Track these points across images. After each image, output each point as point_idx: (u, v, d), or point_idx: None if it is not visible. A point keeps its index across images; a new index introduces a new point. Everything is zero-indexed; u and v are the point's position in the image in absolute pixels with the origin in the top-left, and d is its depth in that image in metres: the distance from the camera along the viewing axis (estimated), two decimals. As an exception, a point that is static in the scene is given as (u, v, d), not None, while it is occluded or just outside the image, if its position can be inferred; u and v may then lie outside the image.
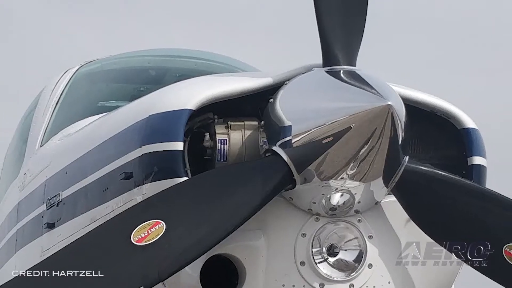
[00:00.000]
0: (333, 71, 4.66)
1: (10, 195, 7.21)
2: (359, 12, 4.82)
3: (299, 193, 4.68)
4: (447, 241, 4.82)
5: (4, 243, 7.15)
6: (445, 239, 4.82)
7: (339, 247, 4.75)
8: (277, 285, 4.74)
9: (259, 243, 4.74)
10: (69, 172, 5.62)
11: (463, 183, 4.90)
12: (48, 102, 7.17)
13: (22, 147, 7.35)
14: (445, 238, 4.81)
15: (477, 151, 5.06)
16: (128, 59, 7.73)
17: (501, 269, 4.77)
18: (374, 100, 4.45)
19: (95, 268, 4.40)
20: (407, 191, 4.76)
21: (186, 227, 4.49)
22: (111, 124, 5.27)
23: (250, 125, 4.82)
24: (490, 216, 4.79)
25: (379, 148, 4.51)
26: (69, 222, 5.47)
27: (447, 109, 5.07)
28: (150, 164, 4.76)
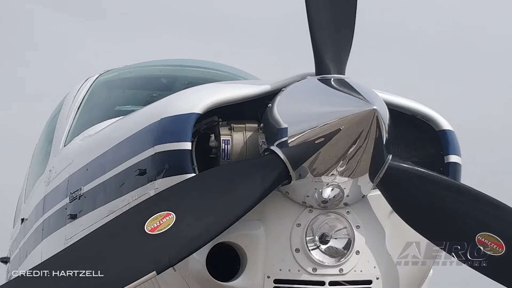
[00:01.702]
0: (325, 79, 4.64)
1: (37, 190, 7.20)
2: (348, 27, 4.81)
3: (294, 188, 4.66)
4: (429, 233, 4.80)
5: (32, 232, 7.15)
6: (424, 229, 4.80)
7: (330, 236, 4.73)
8: (275, 269, 4.72)
9: (259, 232, 4.72)
10: (90, 169, 5.61)
11: (441, 178, 4.88)
12: (71, 106, 7.16)
13: (47, 147, 7.34)
14: (424, 228, 4.79)
15: (453, 150, 5.05)
16: (142, 68, 7.72)
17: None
18: (361, 105, 4.43)
19: (113, 255, 4.39)
20: (391, 186, 4.74)
21: (193, 218, 4.47)
22: (127, 126, 5.26)
23: (250, 127, 4.79)
24: (464, 208, 4.77)
25: (366, 148, 4.49)
26: (90, 213, 5.46)
27: (426, 113, 5.06)
28: (162, 162, 4.75)
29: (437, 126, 5.06)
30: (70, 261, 4.43)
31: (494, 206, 4.78)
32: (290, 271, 4.72)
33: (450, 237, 4.80)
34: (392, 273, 4.89)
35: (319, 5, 4.74)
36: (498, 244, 4.72)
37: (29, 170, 8.37)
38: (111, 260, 4.38)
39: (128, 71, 7.70)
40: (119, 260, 4.37)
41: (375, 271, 4.81)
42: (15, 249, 8.57)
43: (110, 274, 4.35)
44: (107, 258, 4.39)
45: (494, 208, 4.78)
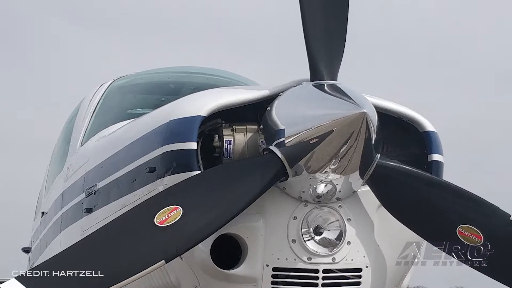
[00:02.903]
0: (319, 84, 4.63)
1: (56, 186, 7.20)
2: (339, 37, 4.81)
3: (291, 184, 4.65)
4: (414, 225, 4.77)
5: (51, 224, 7.15)
6: (410, 221, 4.78)
7: (323, 228, 4.72)
8: (273, 258, 4.71)
9: (259, 225, 4.71)
10: (104, 167, 5.60)
11: (425, 175, 4.87)
12: (87, 110, 7.15)
13: (65, 146, 7.33)
14: (410, 220, 4.78)
15: (436, 150, 5.04)
16: (152, 75, 7.70)
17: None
18: (352, 108, 4.42)
19: (125, 246, 4.39)
20: (379, 182, 4.73)
21: (199, 211, 4.47)
22: (138, 127, 5.25)
23: (251, 128, 4.78)
24: (446, 202, 4.76)
25: (356, 147, 4.48)
26: (104, 207, 5.45)
27: (411, 115, 5.05)
28: (170, 160, 4.74)
29: (421, 128, 5.05)
30: (88, 250, 4.43)
31: (473, 200, 4.77)
32: (287, 260, 4.71)
33: (434, 229, 4.80)
34: (380, 262, 4.87)
35: (314, 17, 4.74)
36: (477, 235, 4.71)
37: (48, 168, 8.37)
38: (124, 250, 4.37)
39: (139, 77, 7.69)
40: (131, 250, 4.36)
41: (364, 260, 4.80)
42: (36, 240, 8.58)
43: (123, 263, 4.34)
44: (120, 248, 4.38)
45: (473, 202, 4.77)
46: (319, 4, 4.76)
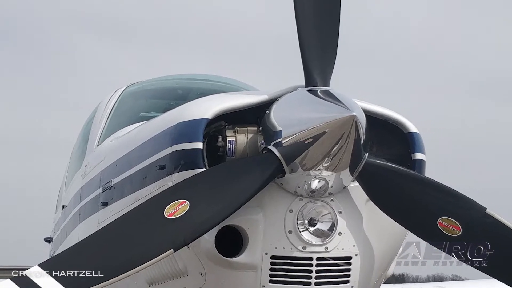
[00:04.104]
0: (312, 90, 4.62)
1: (75, 182, 7.19)
2: (331, 47, 4.80)
3: (288, 180, 4.64)
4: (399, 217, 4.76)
5: (71, 217, 7.14)
6: (395, 214, 4.77)
7: (317, 220, 4.71)
8: (271, 247, 4.70)
9: (258, 217, 4.70)
10: (118, 164, 5.59)
11: (409, 172, 4.87)
12: (103, 113, 7.14)
13: (83, 146, 7.32)
14: (395, 213, 4.77)
15: (419, 149, 5.03)
16: (161, 81, 7.69)
17: (437, 237, 4.72)
18: (343, 112, 4.42)
19: (137, 236, 4.38)
20: (367, 178, 4.73)
21: (204, 205, 4.46)
22: (149, 129, 5.24)
23: (251, 130, 4.77)
24: (428, 197, 4.75)
25: (346, 147, 4.48)
26: (119, 201, 5.44)
27: (396, 118, 5.04)
28: (178, 158, 4.73)
29: (405, 129, 5.04)
30: (104, 240, 4.43)
31: (453, 195, 4.76)
32: (284, 249, 4.70)
33: (417, 221, 4.79)
34: (369, 251, 4.87)
35: (309, 30, 4.73)
36: (456, 227, 4.70)
37: (68, 166, 8.36)
38: (137, 240, 4.37)
39: (150, 83, 7.68)
40: (143, 240, 4.36)
41: (354, 249, 4.79)
42: (57, 231, 8.57)
43: (136, 251, 4.34)
44: (134, 238, 4.38)
45: (453, 197, 4.76)
46: (313, 18, 4.76)
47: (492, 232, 4.73)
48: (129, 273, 4.29)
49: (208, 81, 7.62)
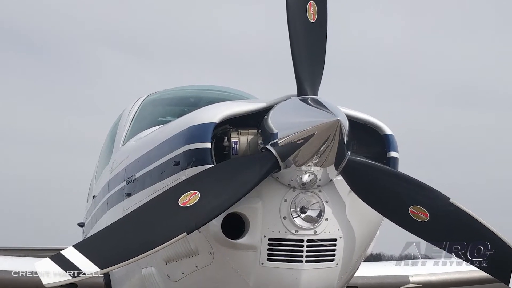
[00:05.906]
0: (303, 98, 4.63)
1: (104, 176, 7.21)
2: (320, 61, 4.80)
3: (283, 174, 4.65)
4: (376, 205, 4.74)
5: (100, 205, 7.16)
6: (373, 203, 4.77)
7: (307, 208, 4.72)
8: (269, 231, 4.71)
9: (258, 205, 4.71)
10: (140, 161, 5.60)
11: (384, 168, 4.88)
12: (127, 117, 7.17)
13: (111, 146, 7.34)
14: (373, 202, 4.77)
15: (393, 148, 5.02)
16: (176, 91, 7.69)
17: (408, 223, 4.70)
18: (329, 117, 4.43)
19: (156, 221, 4.38)
20: (350, 173, 4.73)
21: (213, 195, 4.47)
22: (166, 131, 5.25)
23: (252, 132, 4.78)
24: (400, 188, 4.75)
25: (332, 147, 4.49)
26: (140, 192, 5.45)
27: (374, 122, 5.04)
28: (190, 156, 4.74)
29: (381, 131, 5.04)
30: (128, 224, 4.45)
31: (421, 187, 4.76)
32: (279, 232, 4.71)
33: (391, 208, 4.77)
34: (351, 234, 4.87)
35: (300, 46, 4.73)
36: (424, 214, 4.69)
37: (98, 162, 8.38)
38: (155, 225, 4.38)
39: (167, 93, 7.69)
40: (161, 225, 4.37)
41: (338, 232, 4.80)
42: (88, 217, 8.59)
43: (154, 234, 4.35)
44: (153, 223, 4.39)
45: (422, 188, 4.76)
46: (304, 37, 4.75)
47: (455, 218, 4.73)
48: (149, 253, 4.31)
49: (216, 91, 7.62)
